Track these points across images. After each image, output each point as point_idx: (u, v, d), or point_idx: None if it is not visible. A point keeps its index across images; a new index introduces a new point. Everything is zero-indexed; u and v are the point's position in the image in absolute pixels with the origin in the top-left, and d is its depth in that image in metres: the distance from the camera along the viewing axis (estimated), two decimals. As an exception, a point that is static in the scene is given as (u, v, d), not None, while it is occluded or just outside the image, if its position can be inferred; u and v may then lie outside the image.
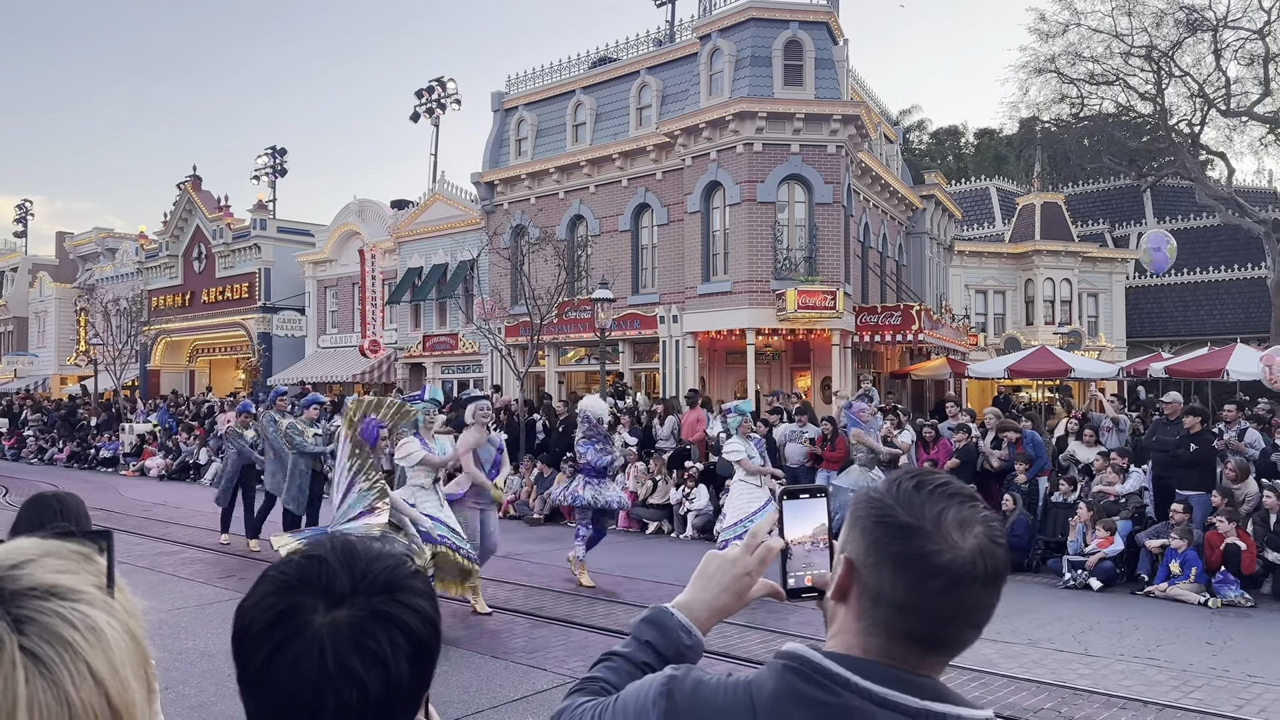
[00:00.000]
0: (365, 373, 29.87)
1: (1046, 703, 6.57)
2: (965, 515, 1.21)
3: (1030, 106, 36.28)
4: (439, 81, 36.37)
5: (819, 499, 1.44)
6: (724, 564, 1.49)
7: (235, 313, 35.83)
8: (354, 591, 1.01)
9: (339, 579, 1.01)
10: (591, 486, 10.63)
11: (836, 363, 21.47)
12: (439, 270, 28.90)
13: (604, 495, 10.66)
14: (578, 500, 10.64)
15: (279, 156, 42.73)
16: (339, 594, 1.00)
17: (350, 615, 0.99)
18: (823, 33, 21.92)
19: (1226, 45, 32.04)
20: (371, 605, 1.00)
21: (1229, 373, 18.79)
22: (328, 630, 0.98)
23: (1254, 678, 7.19)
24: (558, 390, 24.59)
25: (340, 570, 1.02)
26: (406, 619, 1.01)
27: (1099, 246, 35.00)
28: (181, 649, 7.67)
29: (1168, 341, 32.87)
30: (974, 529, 1.21)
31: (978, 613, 1.22)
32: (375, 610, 1.00)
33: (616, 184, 24.70)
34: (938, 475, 1.28)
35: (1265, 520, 10.70)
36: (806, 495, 1.45)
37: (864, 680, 1.20)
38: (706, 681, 1.29)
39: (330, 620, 0.99)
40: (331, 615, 0.99)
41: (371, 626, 0.99)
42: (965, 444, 13.33)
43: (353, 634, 0.98)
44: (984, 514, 1.23)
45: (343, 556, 1.04)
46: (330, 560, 1.03)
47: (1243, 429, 12.57)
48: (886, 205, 27.59)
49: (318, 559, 1.04)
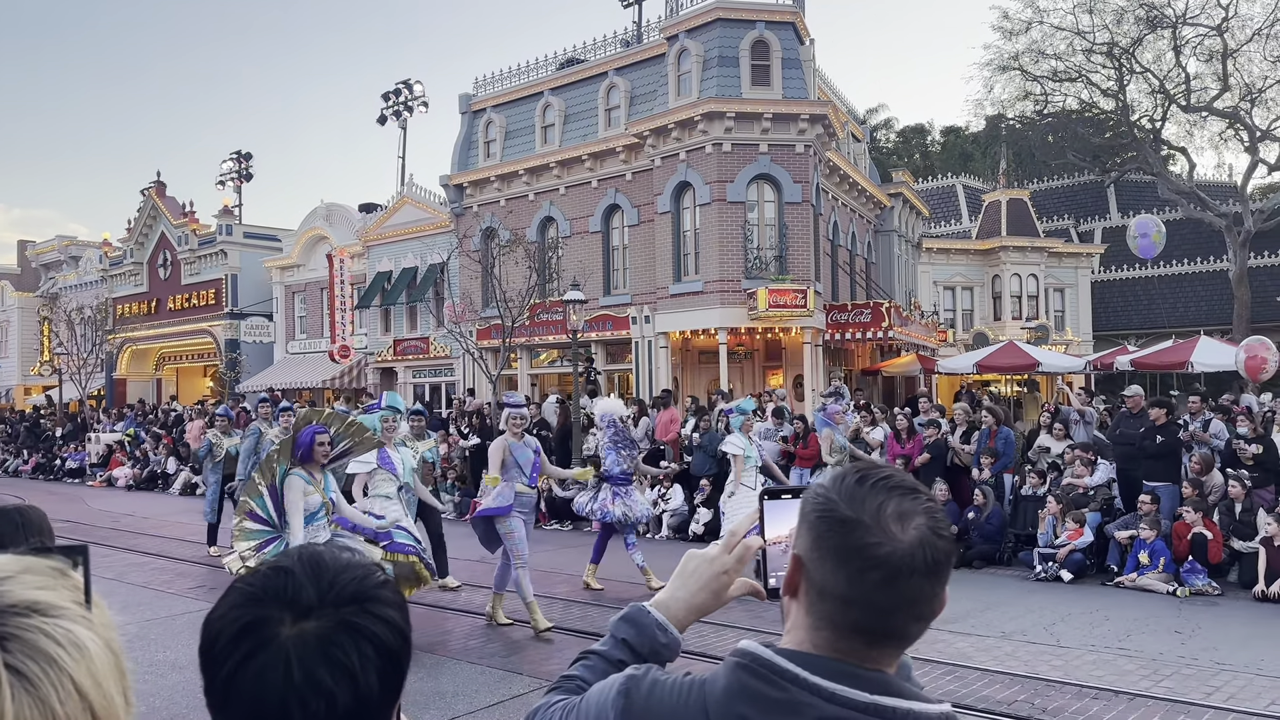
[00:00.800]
0: (335, 378, 29.65)
1: (1020, 695, 6.63)
2: (906, 507, 1.22)
3: (995, 104, 36.69)
4: (405, 84, 36.19)
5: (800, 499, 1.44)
6: (703, 562, 1.50)
7: (202, 320, 35.44)
8: (321, 603, 1.00)
9: (305, 590, 1.00)
10: (621, 500, 10.48)
11: (808, 361, 21.58)
12: (409, 274, 28.74)
13: (634, 511, 10.53)
14: (607, 516, 10.45)
15: (244, 161, 42.33)
16: (306, 605, 0.99)
17: (318, 627, 0.98)
18: (789, 33, 22.03)
19: (1186, 42, 32.55)
20: (339, 616, 0.99)
21: (1193, 364, 19.08)
22: (294, 642, 0.97)
23: (1222, 665, 7.29)
24: (531, 393, 24.53)
25: (307, 581, 1.01)
26: (375, 630, 1.00)
27: (1064, 242, 35.41)
28: (153, 661, 7.57)
29: (1133, 334, 33.32)
30: (915, 520, 1.21)
31: (919, 604, 1.22)
32: (343, 621, 0.99)
33: (586, 185, 24.68)
34: (882, 469, 1.29)
35: (1231, 509, 10.88)
36: (788, 495, 1.46)
37: (813, 675, 1.20)
38: (663, 681, 1.30)
39: (297, 632, 0.98)
40: (298, 627, 0.98)
41: (339, 638, 0.98)
42: (935, 439, 13.43)
43: (320, 645, 0.97)
44: (926, 505, 1.23)
45: (310, 568, 1.03)
46: (297, 571, 1.02)
47: (1207, 420, 12.76)
48: (855, 204, 27.76)
49: (284, 570, 1.03)
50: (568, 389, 22.25)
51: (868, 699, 1.18)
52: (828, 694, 1.18)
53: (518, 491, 8.70)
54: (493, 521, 8.68)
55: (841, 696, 1.18)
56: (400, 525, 8.31)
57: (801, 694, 1.19)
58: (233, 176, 42.34)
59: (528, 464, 8.86)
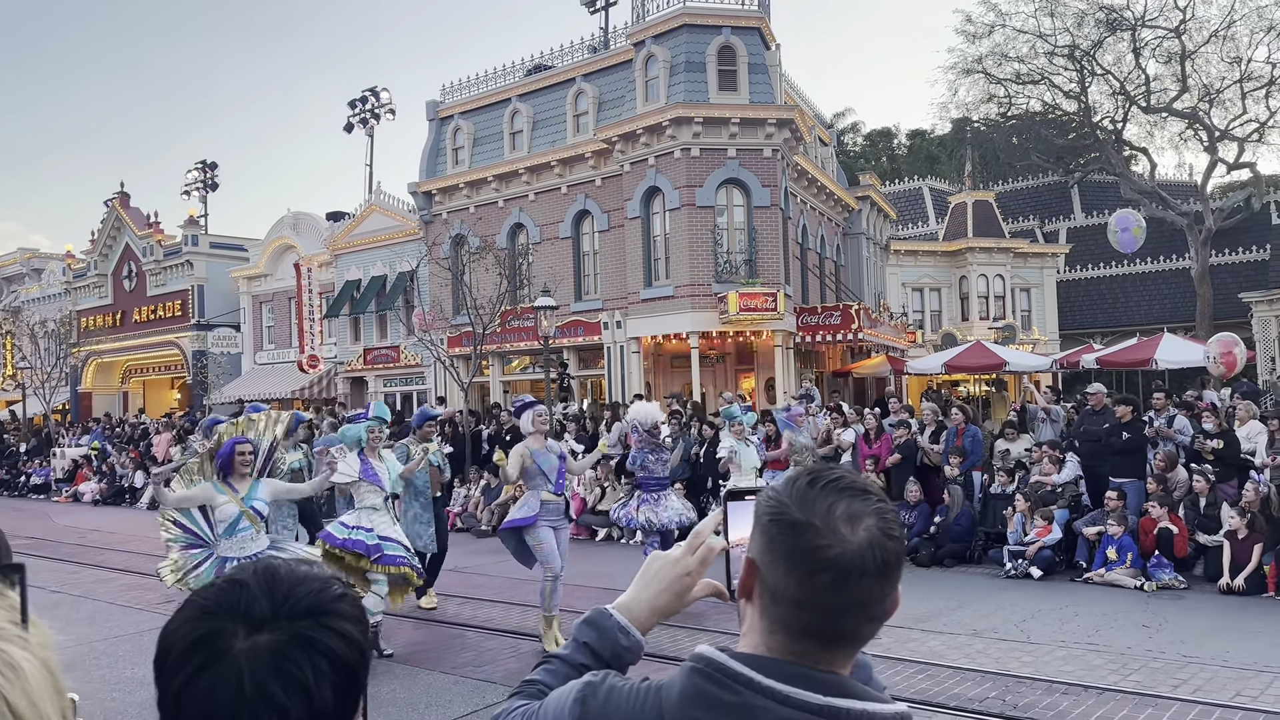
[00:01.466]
0: (304, 388, 29.42)
1: (991, 692, 6.69)
2: (856, 509, 1.22)
3: (960, 107, 37.12)
4: (372, 91, 36.05)
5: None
6: (666, 564, 1.50)
7: (168, 331, 35.04)
8: (275, 616, 0.99)
9: (259, 603, 1.00)
10: (648, 506, 10.15)
11: (779, 363, 21.68)
12: (378, 282, 28.58)
13: (661, 517, 10.14)
14: (631, 523, 10.21)
15: (210, 171, 41.97)
16: (259, 618, 0.99)
17: (271, 640, 0.98)
18: (755, 38, 22.15)
19: (1145, 44, 33.08)
20: (294, 630, 0.99)
21: (1158, 361, 19.34)
22: (247, 656, 0.97)
23: (1188, 658, 7.40)
24: (504, 400, 24.44)
25: (261, 594, 1.01)
26: (330, 644, 0.99)
27: (1030, 242, 35.82)
28: (120, 678, 7.48)
29: (1098, 333, 33.76)
30: (865, 522, 1.21)
31: (871, 605, 1.22)
32: (297, 635, 0.98)
33: (556, 191, 24.67)
34: (834, 470, 1.29)
35: (1195, 504, 11.04)
36: (752, 497, 1.45)
37: (767, 679, 1.20)
38: (619, 688, 1.30)
39: (250, 645, 0.97)
40: (251, 640, 0.98)
41: (293, 651, 0.97)
42: (905, 439, 13.54)
43: (273, 659, 0.97)
44: (876, 506, 1.24)
45: (265, 580, 1.02)
46: (251, 584, 1.02)
47: (1171, 416, 12.94)
48: (823, 207, 27.94)
49: (239, 583, 1.02)
50: (540, 395, 22.20)
51: (821, 701, 1.19)
52: (781, 697, 1.19)
53: (543, 500, 8.21)
54: (522, 534, 8.25)
55: (795, 699, 1.19)
56: (387, 537, 8.16)
57: (755, 698, 1.19)
58: (198, 186, 41.96)
59: (552, 470, 8.33)
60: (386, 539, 8.13)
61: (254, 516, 7.26)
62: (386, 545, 8.09)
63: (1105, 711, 6.21)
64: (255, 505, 7.28)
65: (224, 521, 7.18)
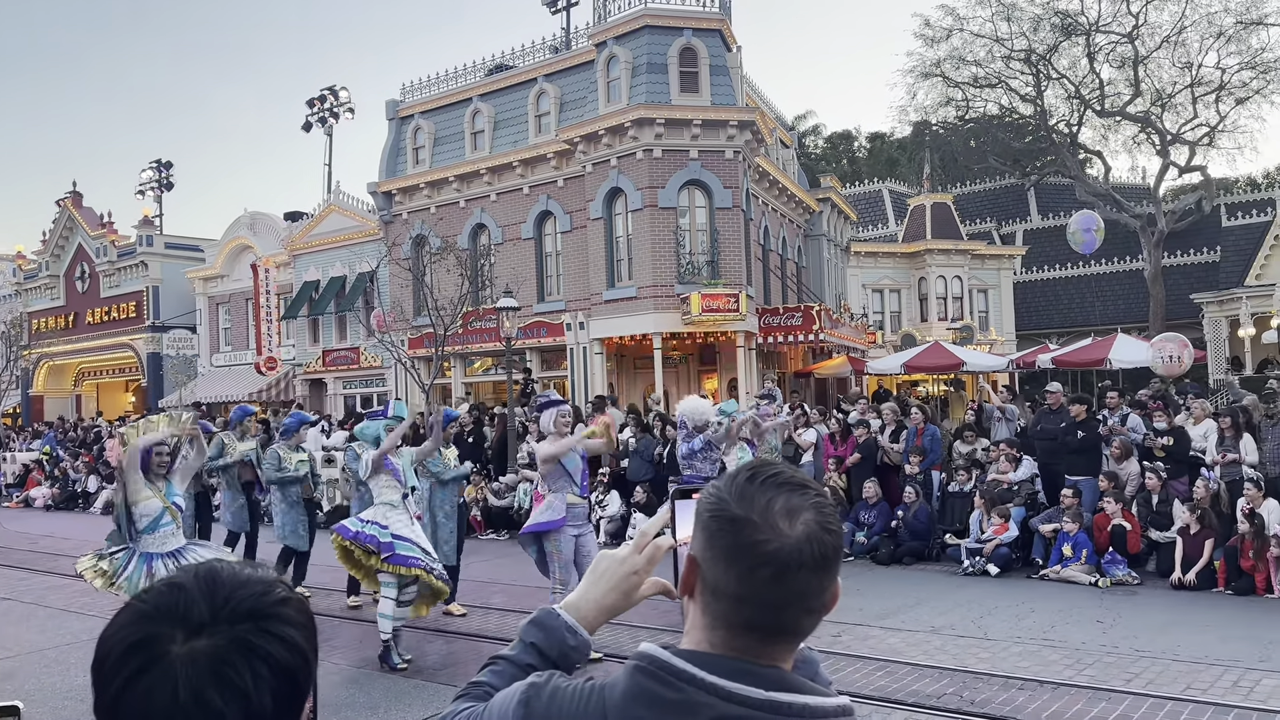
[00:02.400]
0: (262, 390, 29.03)
1: (949, 687, 6.77)
2: (794, 504, 1.23)
3: (918, 110, 37.57)
4: (331, 90, 35.68)
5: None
6: (613, 563, 1.50)
7: (122, 333, 34.44)
8: (214, 620, 0.97)
9: (197, 607, 0.98)
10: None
11: (742, 364, 21.77)
12: (337, 283, 28.29)
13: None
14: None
15: (165, 170, 41.29)
16: (197, 622, 0.97)
17: (209, 645, 0.96)
18: (716, 40, 22.23)
19: (1099, 49, 33.70)
20: (233, 634, 0.97)
21: (1111, 361, 19.69)
22: (184, 661, 0.95)
23: (1141, 652, 7.53)
24: (467, 401, 24.30)
25: (200, 598, 0.99)
26: (271, 649, 0.98)
27: (987, 244, 36.30)
28: (70, 686, 7.33)
29: (1054, 333, 34.30)
30: (803, 516, 1.22)
31: (809, 598, 1.23)
32: (237, 639, 0.97)
33: (518, 192, 24.59)
34: (772, 466, 1.30)
35: (1148, 501, 11.25)
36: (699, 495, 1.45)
37: (709, 675, 1.21)
38: (563, 689, 1.30)
39: (188, 650, 0.95)
40: (189, 645, 0.96)
41: (232, 657, 0.96)
42: (866, 439, 13.65)
43: (211, 665, 0.95)
44: (815, 501, 1.25)
45: (205, 583, 1.01)
46: (190, 587, 1.00)
47: (1125, 414, 13.17)
48: (784, 208, 28.10)
49: (178, 586, 1.01)
50: (503, 397, 22.12)
51: (763, 695, 1.20)
52: (724, 693, 1.20)
53: (569, 503, 7.72)
54: (543, 539, 7.79)
55: (738, 694, 1.20)
56: (402, 535, 7.74)
57: (698, 694, 1.20)
58: (152, 186, 41.27)
59: (578, 471, 7.85)
60: (401, 538, 7.73)
61: (175, 511, 7.49)
62: (400, 544, 7.68)
63: (1060, 706, 6.30)
64: (176, 501, 7.56)
65: (147, 517, 7.32)
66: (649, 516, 14.00)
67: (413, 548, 7.76)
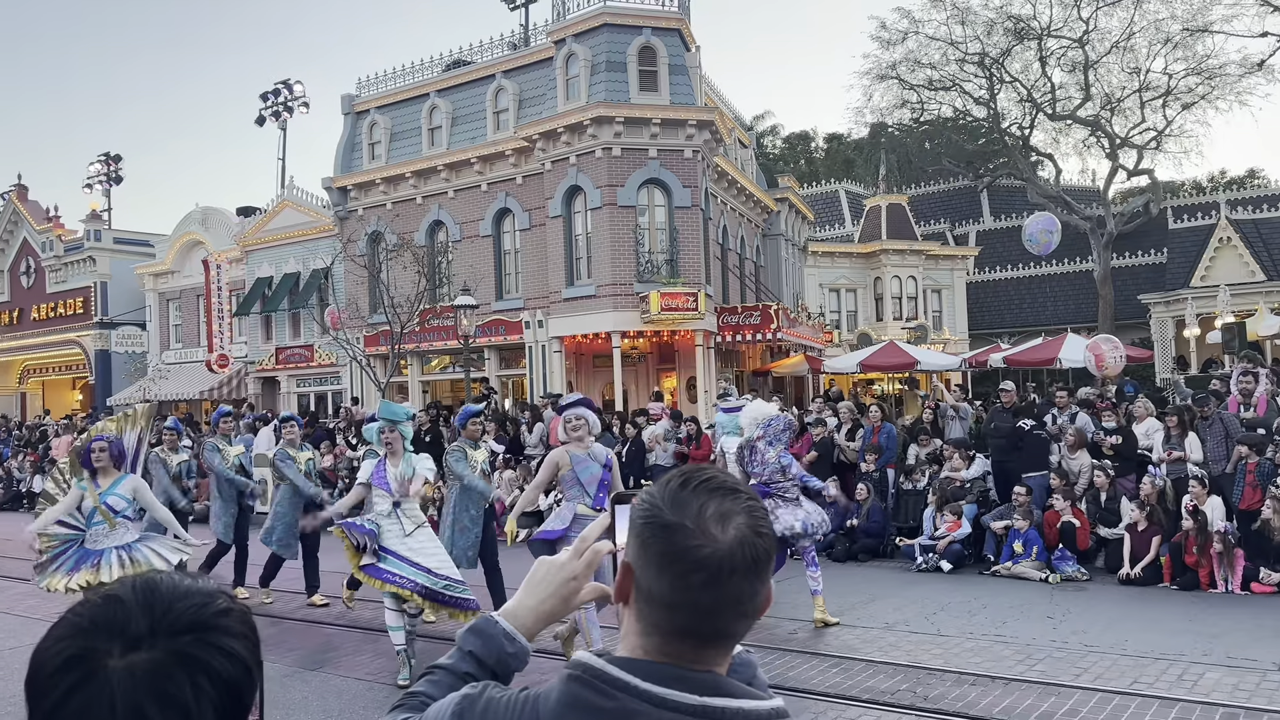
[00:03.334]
0: (214, 388, 28.56)
1: (903, 684, 6.84)
2: (726, 508, 1.24)
3: (875, 112, 37.96)
4: (285, 84, 35.17)
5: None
6: (552, 569, 1.50)
7: (69, 330, 33.69)
8: (153, 633, 0.95)
9: (135, 620, 0.95)
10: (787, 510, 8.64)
11: (700, 363, 21.83)
12: (290, 279, 27.91)
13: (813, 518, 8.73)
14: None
15: (114, 163, 40.41)
16: (135, 636, 0.94)
17: (148, 659, 0.93)
18: (675, 39, 22.26)
19: (1050, 53, 34.29)
20: (173, 647, 0.94)
21: (1061, 361, 20.04)
22: (121, 675, 0.92)
23: (1090, 647, 7.67)
24: (421, 400, 24.12)
25: (138, 610, 0.96)
26: (213, 661, 0.95)
27: (941, 245, 36.76)
28: (14, 694, 7.15)
29: (1006, 333, 34.84)
30: (735, 520, 1.23)
31: (743, 602, 1.24)
32: (177, 652, 0.94)
33: (476, 189, 24.42)
34: (704, 471, 1.31)
35: (1097, 498, 11.47)
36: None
37: (643, 682, 1.21)
38: (497, 699, 1.30)
39: (125, 664, 0.93)
40: (127, 659, 0.93)
41: (172, 670, 0.93)
42: (822, 437, 13.76)
43: (151, 679, 0.92)
44: (746, 505, 1.26)
45: (143, 596, 0.98)
46: (128, 600, 0.97)
47: (1073, 413, 13.40)
48: (743, 208, 28.22)
49: (115, 599, 0.98)
50: (461, 395, 21.98)
51: (696, 701, 1.20)
52: (658, 699, 1.20)
53: (578, 514, 7.25)
54: (553, 546, 7.21)
55: (671, 701, 1.20)
56: (388, 549, 7.31)
57: (632, 701, 1.20)
58: (101, 179, 40.36)
59: (593, 482, 7.30)
60: (387, 550, 7.34)
61: (105, 511, 7.61)
62: (383, 557, 7.30)
63: (1011, 701, 6.40)
64: (109, 500, 7.63)
65: (85, 514, 7.70)
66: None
67: (400, 564, 7.32)
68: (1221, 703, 6.19)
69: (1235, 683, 6.60)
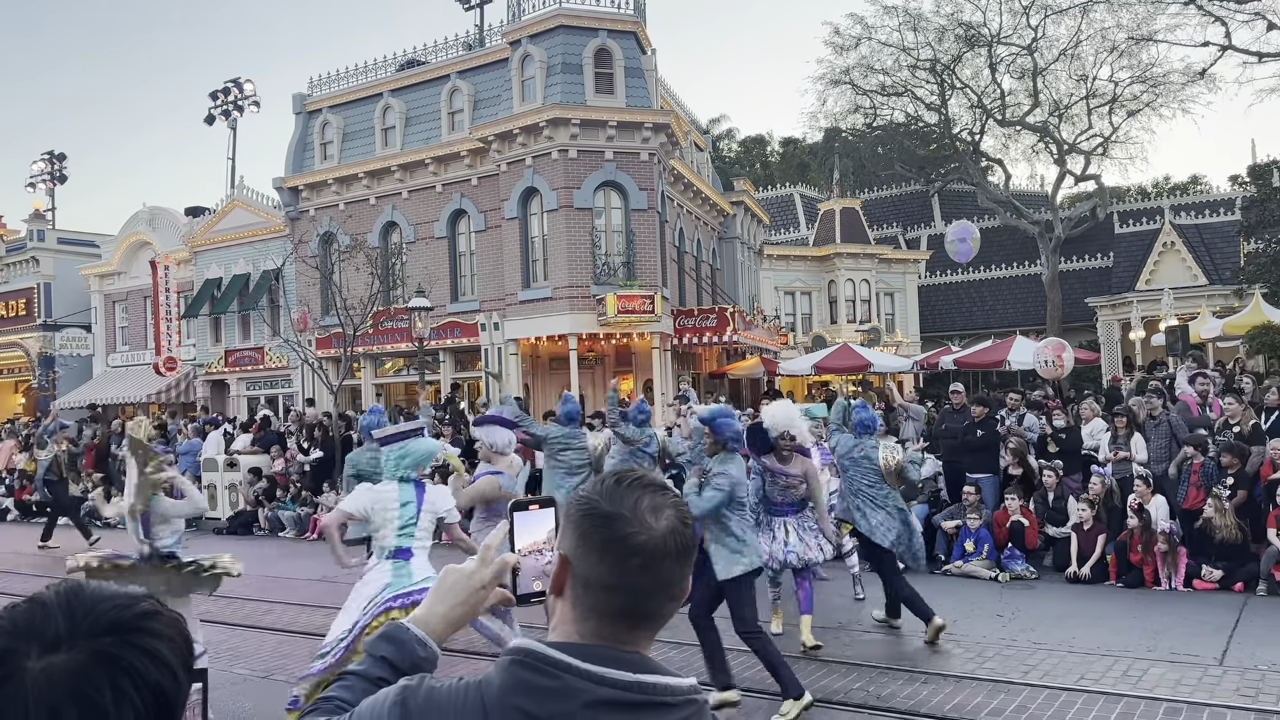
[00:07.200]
0: (161, 392, 28.03)
1: (856, 683, 6.89)
2: (657, 502, 1.39)
3: (829, 117, 38.33)
4: (235, 83, 34.67)
5: (548, 509, 1.59)
6: (460, 577, 1.58)
7: (12, 332, 32.89)
8: (72, 634, 0.92)
9: (54, 622, 0.93)
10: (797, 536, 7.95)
11: (657, 365, 21.86)
12: (240, 281, 27.49)
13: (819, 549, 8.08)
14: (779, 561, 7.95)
15: (58, 162, 39.56)
16: (53, 638, 0.92)
17: (68, 660, 0.91)
18: (631, 42, 22.28)
19: (1000, 60, 34.87)
20: (94, 648, 0.92)
21: (1010, 363, 20.36)
22: (37, 677, 0.90)
23: (1038, 644, 7.79)
24: (376, 403, 23.86)
25: (58, 612, 0.94)
26: (136, 663, 0.93)
27: (893, 248, 37.18)
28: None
29: (957, 335, 35.32)
30: (665, 513, 1.39)
31: (673, 585, 1.39)
32: (98, 654, 0.92)
33: (430, 190, 24.24)
34: (635, 471, 1.46)
35: (1045, 498, 11.65)
36: (536, 506, 1.59)
37: (582, 662, 1.32)
38: (439, 687, 1.37)
39: (43, 666, 0.90)
40: (45, 660, 0.91)
41: (91, 672, 0.91)
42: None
43: (70, 680, 0.90)
44: (674, 500, 1.42)
45: (65, 598, 0.95)
46: (49, 602, 0.95)
47: (1022, 414, 13.62)
48: (699, 211, 28.32)
49: (38, 602, 0.95)
50: (414, 396, 21.78)
51: (631, 678, 1.33)
52: (597, 677, 1.32)
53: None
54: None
55: (609, 678, 1.32)
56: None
57: (574, 680, 1.31)
58: (45, 178, 39.48)
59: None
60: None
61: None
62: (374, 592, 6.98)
63: (962, 698, 6.48)
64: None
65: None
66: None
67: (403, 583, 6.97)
68: (1165, 697, 6.31)
69: (1178, 678, 6.74)
